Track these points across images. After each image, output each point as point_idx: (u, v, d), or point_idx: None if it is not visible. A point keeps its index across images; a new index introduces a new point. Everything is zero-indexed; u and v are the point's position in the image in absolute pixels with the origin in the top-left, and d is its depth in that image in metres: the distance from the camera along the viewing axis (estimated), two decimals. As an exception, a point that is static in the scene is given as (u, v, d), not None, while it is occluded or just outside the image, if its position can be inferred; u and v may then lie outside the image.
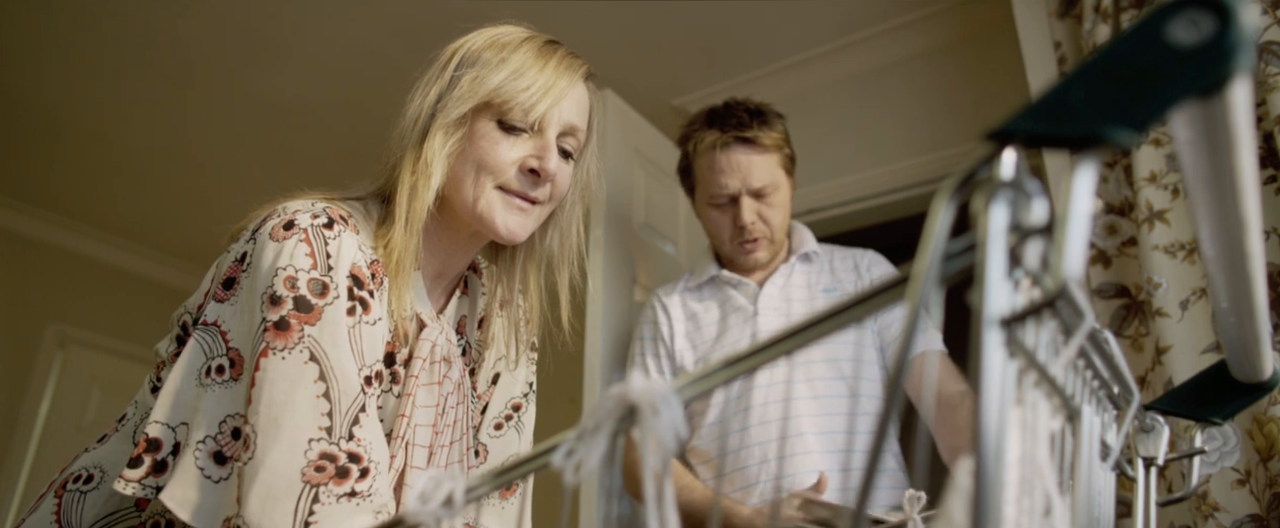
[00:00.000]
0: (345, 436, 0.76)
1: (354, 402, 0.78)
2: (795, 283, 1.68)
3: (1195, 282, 1.60)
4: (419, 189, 0.86)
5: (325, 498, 0.73)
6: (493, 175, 0.88)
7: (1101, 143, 0.25)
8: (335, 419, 0.76)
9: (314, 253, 0.80)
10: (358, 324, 0.81)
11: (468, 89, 0.87)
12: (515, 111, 0.88)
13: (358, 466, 0.76)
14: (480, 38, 0.92)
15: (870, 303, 0.32)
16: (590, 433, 0.31)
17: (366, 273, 0.83)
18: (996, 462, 0.23)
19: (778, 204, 1.65)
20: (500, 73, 0.88)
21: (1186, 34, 0.23)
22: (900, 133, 2.56)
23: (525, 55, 0.90)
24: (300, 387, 0.75)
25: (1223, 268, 0.34)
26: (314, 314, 0.78)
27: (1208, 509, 1.48)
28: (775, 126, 1.66)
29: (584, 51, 0.99)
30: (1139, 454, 0.47)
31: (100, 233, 4.08)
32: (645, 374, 1.75)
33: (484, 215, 0.88)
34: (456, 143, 0.88)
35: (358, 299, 0.82)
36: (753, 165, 1.63)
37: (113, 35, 2.80)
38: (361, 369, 0.80)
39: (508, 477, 0.38)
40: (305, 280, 0.79)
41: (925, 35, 2.61)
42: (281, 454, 0.73)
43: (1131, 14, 1.78)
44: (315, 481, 0.73)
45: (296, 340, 0.77)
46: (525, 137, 0.89)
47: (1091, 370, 0.37)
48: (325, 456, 0.75)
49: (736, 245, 1.67)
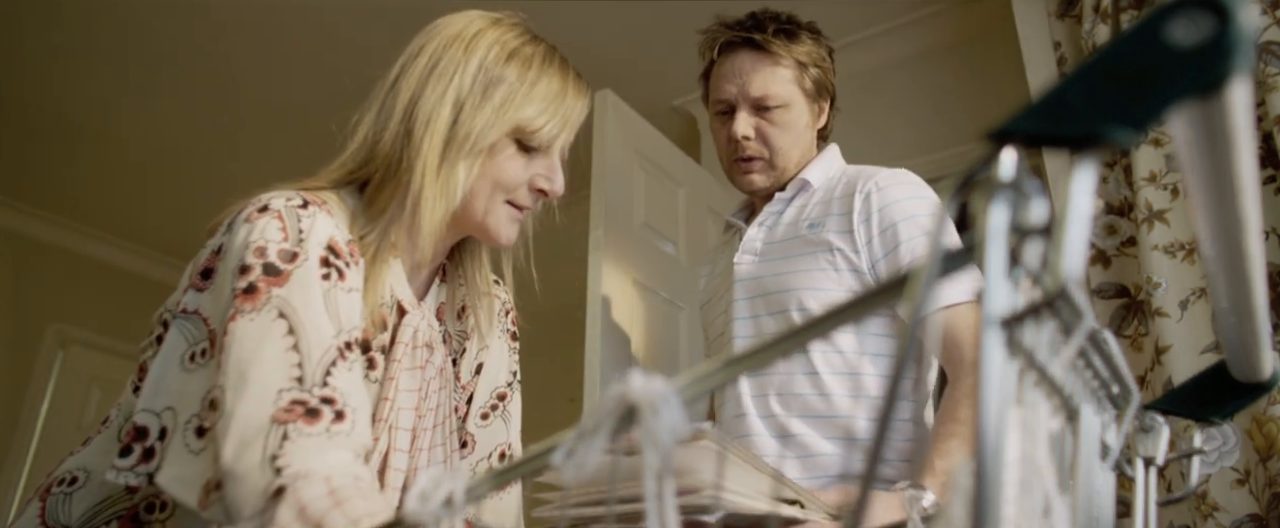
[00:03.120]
0: (318, 383, 0.75)
1: (326, 353, 0.76)
2: (786, 220, 1.43)
3: (1195, 282, 1.60)
4: (438, 204, 0.87)
5: (295, 436, 0.71)
6: (505, 192, 0.93)
7: (1101, 143, 0.25)
8: (306, 370, 0.75)
9: (285, 228, 0.81)
10: (333, 289, 0.81)
11: (497, 116, 0.89)
12: (540, 138, 0.92)
13: (331, 407, 0.74)
14: (495, 49, 0.92)
15: (869, 303, 0.32)
16: (590, 433, 0.31)
17: (344, 248, 0.84)
18: (996, 462, 0.23)
19: (784, 124, 1.42)
20: (532, 104, 0.91)
21: (1186, 34, 0.23)
22: (900, 133, 2.56)
23: (551, 82, 0.93)
24: (268, 342, 0.75)
25: (1222, 268, 0.34)
26: (282, 278, 0.78)
27: (1207, 509, 1.48)
28: (801, 41, 1.44)
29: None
30: (1139, 454, 0.47)
31: (100, 233, 4.08)
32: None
33: (490, 227, 0.93)
34: (480, 166, 0.90)
35: (334, 267, 0.82)
36: (755, 72, 1.41)
37: (113, 37, 2.80)
38: (339, 332, 0.79)
39: (508, 477, 0.38)
40: (275, 250, 0.80)
41: (924, 36, 2.61)
42: (249, 404, 0.72)
43: (1131, 14, 1.78)
44: (285, 420, 0.72)
45: (264, 302, 0.77)
46: (538, 156, 0.94)
47: (1091, 370, 0.37)
48: (296, 401, 0.73)
49: (731, 164, 1.47)
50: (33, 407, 3.87)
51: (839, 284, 1.31)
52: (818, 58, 1.46)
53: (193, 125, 3.27)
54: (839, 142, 1.59)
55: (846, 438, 1.26)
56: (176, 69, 2.96)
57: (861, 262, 1.30)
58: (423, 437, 0.91)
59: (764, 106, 1.41)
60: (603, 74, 2.75)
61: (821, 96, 1.48)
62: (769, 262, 1.40)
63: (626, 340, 2.09)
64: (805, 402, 1.29)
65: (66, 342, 4.03)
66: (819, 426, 1.28)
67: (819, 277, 1.32)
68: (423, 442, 0.91)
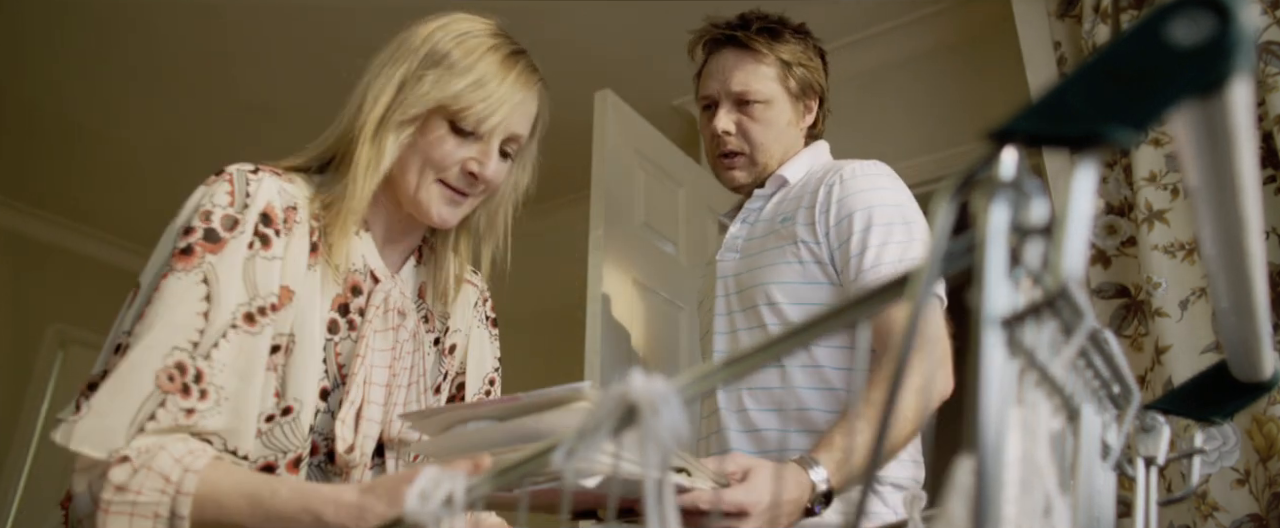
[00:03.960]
0: (204, 355, 0.82)
1: (222, 325, 0.83)
2: (765, 216, 1.45)
3: (1195, 282, 1.60)
4: (369, 173, 0.93)
5: (163, 415, 0.78)
6: (435, 170, 0.96)
7: (1101, 142, 0.25)
8: (204, 338, 0.82)
9: (234, 192, 0.89)
10: (254, 257, 0.87)
11: (429, 89, 0.93)
12: (468, 119, 0.94)
13: (199, 385, 0.81)
14: (450, 33, 0.97)
15: (867, 304, 0.32)
16: (590, 433, 0.31)
17: (279, 214, 0.90)
18: (997, 462, 0.23)
19: (765, 120, 1.44)
20: (463, 80, 0.94)
21: (1186, 34, 0.23)
22: (900, 133, 2.56)
23: (489, 65, 0.95)
24: (186, 303, 0.83)
25: (1223, 268, 0.34)
26: (219, 245, 0.86)
27: (1207, 509, 1.48)
28: (784, 40, 1.46)
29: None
30: (1139, 454, 0.47)
31: (100, 233, 4.08)
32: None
33: (421, 203, 0.97)
34: (410, 136, 0.95)
35: (260, 235, 0.88)
36: (738, 68, 1.44)
37: (114, 37, 2.80)
38: (253, 299, 0.86)
39: (508, 477, 0.38)
40: (220, 216, 0.87)
41: (924, 36, 2.61)
42: (144, 350, 0.80)
43: (1131, 14, 1.78)
44: (166, 388, 0.79)
45: (196, 264, 0.84)
46: (473, 140, 0.96)
47: (1092, 370, 0.37)
48: (180, 365, 0.80)
49: (715, 160, 1.50)
50: (33, 407, 3.87)
51: (803, 276, 1.33)
52: (803, 57, 1.48)
53: (193, 126, 3.27)
54: (839, 141, 1.60)
55: (811, 431, 1.28)
56: (177, 69, 2.96)
57: (822, 252, 1.32)
58: (397, 393, 0.96)
59: (745, 102, 1.44)
60: (603, 74, 2.75)
61: (807, 95, 1.49)
62: (747, 257, 1.42)
63: (626, 340, 2.09)
64: (774, 396, 1.31)
65: (66, 342, 4.03)
66: (783, 419, 1.30)
67: (784, 269, 1.35)
68: (397, 397, 0.97)
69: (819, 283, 1.33)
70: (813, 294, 1.34)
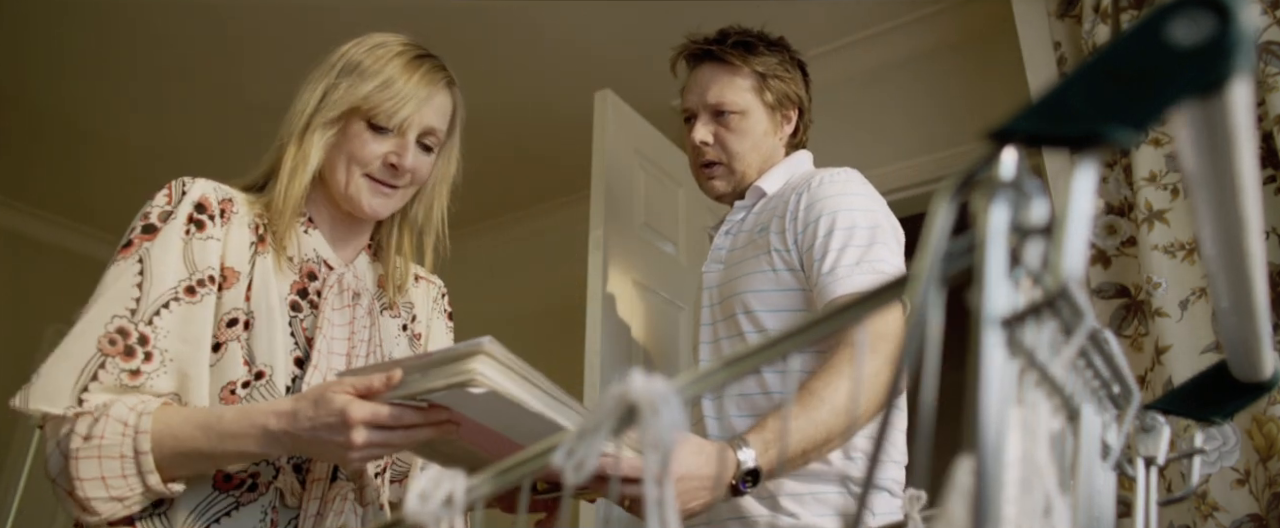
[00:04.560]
0: (145, 320, 0.93)
1: (161, 295, 0.94)
2: (746, 227, 1.49)
3: (1195, 282, 1.60)
4: (298, 172, 1.05)
5: (104, 375, 0.89)
6: (360, 165, 1.07)
7: (1101, 142, 0.25)
8: (141, 305, 0.93)
9: (171, 194, 1.01)
10: (190, 240, 0.98)
11: (344, 94, 1.06)
12: (381, 116, 1.05)
13: (144, 348, 0.92)
14: (363, 46, 1.10)
15: (866, 304, 0.32)
16: (590, 433, 0.31)
17: (214, 204, 1.01)
18: (997, 462, 0.23)
19: (741, 131, 1.50)
20: (372, 82, 1.05)
21: (1186, 34, 0.23)
22: (900, 133, 2.56)
23: (395, 68, 1.07)
24: (124, 279, 0.95)
25: (1223, 268, 0.34)
26: (154, 234, 0.98)
27: (1207, 509, 1.48)
28: (759, 53, 1.53)
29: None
30: (1139, 454, 0.47)
31: (100, 233, 4.08)
32: None
33: (352, 197, 1.08)
34: (333, 137, 1.07)
35: (195, 221, 0.99)
36: (712, 81, 1.51)
37: (116, 38, 2.80)
38: (193, 274, 0.97)
39: (508, 478, 0.38)
40: (157, 212, 0.99)
41: (924, 36, 2.61)
42: (87, 322, 0.92)
43: (1131, 14, 1.78)
44: (107, 351, 0.90)
45: (134, 252, 0.96)
46: (390, 136, 1.07)
47: (1092, 370, 0.37)
48: (121, 330, 0.92)
49: (696, 171, 1.57)
50: (33, 407, 3.87)
51: (776, 284, 1.37)
52: (779, 69, 1.53)
53: (194, 127, 3.27)
54: (839, 141, 1.61)
55: None
56: (179, 71, 2.96)
57: (794, 259, 1.36)
58: (357, 363, 1.06)
59: (721, 113, 1.51)
60: (603, 74, 2.75)
61: (784, 106, 1.54)
62: (728, 268, 1.47)
63: (626, 340, 2.09)
64: (752, 401, 1.35)
65: (66, 342, 4.03)
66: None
67: (759, 278, 1.38)
68: (358, 366, 1.06)
69: (792, 289, 1.36)
70: (785, 301, 1.37)
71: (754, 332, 1.37)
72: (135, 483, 0.87)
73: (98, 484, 0.86)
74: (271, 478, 0.96)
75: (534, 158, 3.41)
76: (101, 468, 0.86)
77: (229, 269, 1.00)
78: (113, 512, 0.88)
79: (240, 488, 0.95)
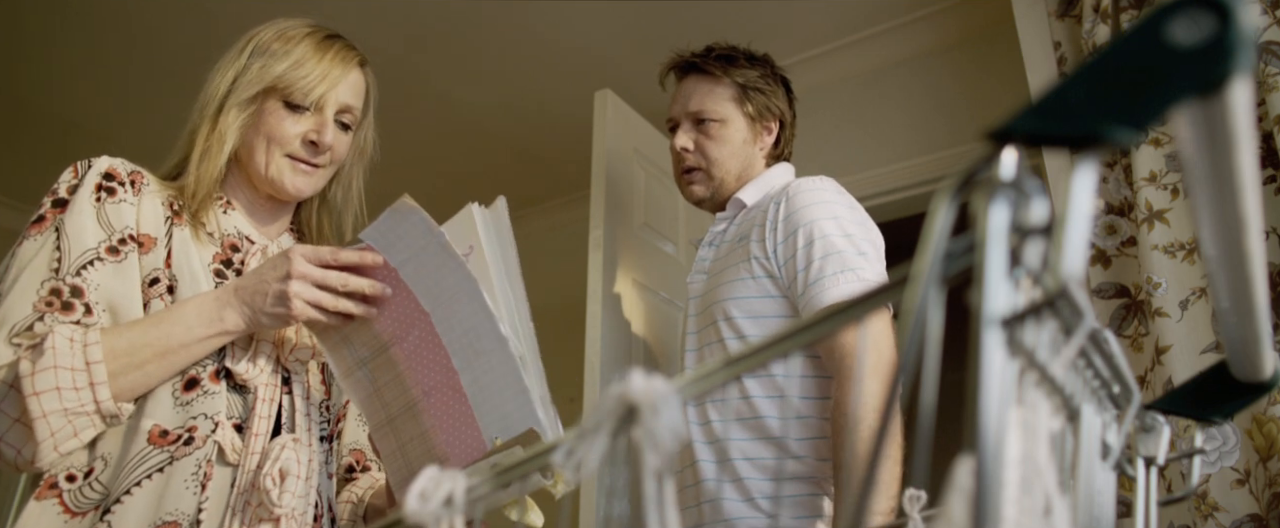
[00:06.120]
0: (74, 273, 0.93)
1: (84, 254, 0.94)
2: (728, 238, 1.54)
3: (1195, 282, 1.60)
4: (212, 153, 1.05)
5: (40, 326, 0.89)
6: (280, 146, 1.06)
7: (1101, 142, 0.25)
8: (63, 264, 0.94)
9: (77, 171, 1.01)
10: (105, 203, 0.98)
11: (257, 74, 1.06)
12: (297, 93, 1.05)
13: (81, 300, 0.93)
14: (270, 31, 1.10)
15: (865, 304, 0.32)
16: (590, 433, 0.31)
17: (123, 174, 1.02)
18: (997, 462, 0.23)
19: (720, 138, 1.56)
20: (285, 62, 1.06)
21: (1186, 34, 0.23)
22: (899, 133, 2.56)
23: (306, 48, 1.07)
24: (42, 252, 0.94)
25: (1223, 268, 0.34)
26: (64, 207, 0.97)
27: (1207, 509, 1.48)
28: (740, 65, 1.59)
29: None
30: (1139, 454, 0.47)
31: (100, 233, 4.09)
32: None
33: (274, 179, 1.07)
34: (248, 118, 1.06)
35: (104, 188, 0.99)
36: (694, 90, 1.60)
37: (115, 39, 2.80)
38: (112, 234, 0.97)
39: (508, 477, 0.38)
40: (65, 186, 0.99)
41: (924, 36, 2.61)
42: (17, 296, 0.91)
43: (1131, 14, 1.78)
44: (43, 310, 0.91)
45: (48, 226, 0.96)
46: (308, 114, 1.07)
47: (1092, 370, 0.37)
48: (54, 290, 0.92)
49: (678, 177, 1.64)
50: (33, 407, 3.87)
51: (757, 291, 1.41)
52: (760, 82, 1.59)
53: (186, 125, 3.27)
54: (839, 141, 1.64)
55: (767, 438, 1.34)
56: (178, 71, 2.96)
57: (773, 267, 1.40)
58: (288, 337, 1.08)
59: (702, 120, 1.57)
60: (603, 74, 2.75)
61: (765, 118, 1.60)
62: (711, 278, 1.51)
63: (627, 341, 2.09)
64: (734, 406, 1.39)
65: (66, 342, 4.03)
66: (743, 429, 1.37)
67: (739, 286, 1.42)
68: (288, 332, 1.07)
69: (772, 296, 1.39)
70: (765, 308, 1.40)
71: (734, 338, 1.40)
72: (87, 396, 0.86)
73: (53, 396, 0.85)
74: (210, 431, 0.94)
75: (534, 158, 3.41)
76: (56, 379, 0.85)
77: (144, 235, 1.00)
78: (64, 437, 0.86)
79: (176, 443, 0.93)
